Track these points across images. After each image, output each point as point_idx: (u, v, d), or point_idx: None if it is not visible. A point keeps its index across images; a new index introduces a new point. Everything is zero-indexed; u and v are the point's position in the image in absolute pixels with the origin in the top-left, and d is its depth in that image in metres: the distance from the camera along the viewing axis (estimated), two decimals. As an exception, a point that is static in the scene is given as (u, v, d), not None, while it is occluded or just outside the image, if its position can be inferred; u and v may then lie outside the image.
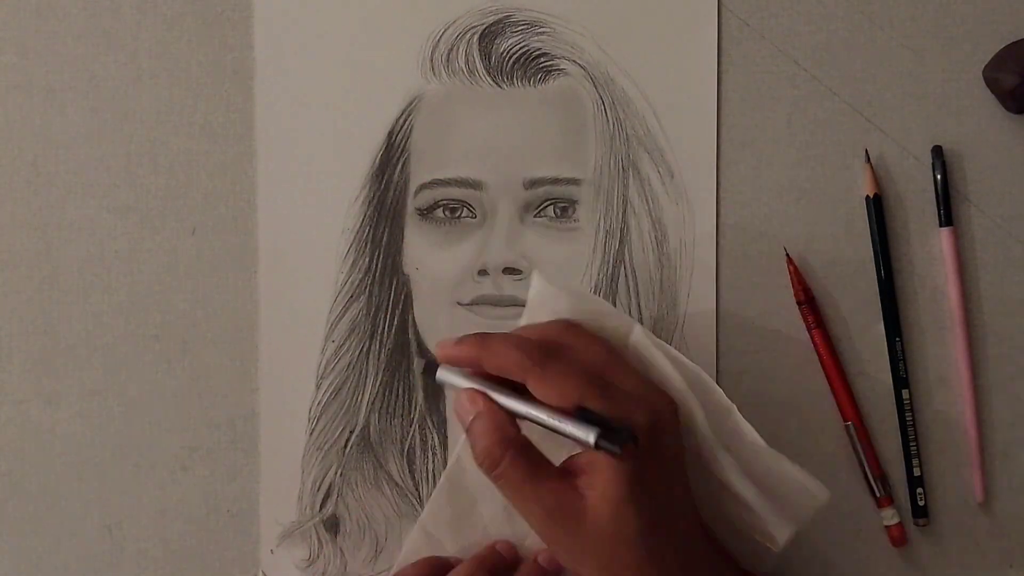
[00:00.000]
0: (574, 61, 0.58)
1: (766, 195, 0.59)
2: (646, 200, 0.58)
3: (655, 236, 0.58)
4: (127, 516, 0.59)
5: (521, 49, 0.58)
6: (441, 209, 0.59)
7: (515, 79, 0.58)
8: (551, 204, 0.58)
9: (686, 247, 0.58)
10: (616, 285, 0.58)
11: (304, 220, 0.59)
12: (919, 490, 0.58)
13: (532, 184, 0.58)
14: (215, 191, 0.59)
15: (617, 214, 0.58)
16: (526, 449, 0.47)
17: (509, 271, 0.58)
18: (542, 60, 0.58)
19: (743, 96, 0.58)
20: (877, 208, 0.58)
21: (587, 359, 0.48)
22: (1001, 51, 0.58)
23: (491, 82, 0.58)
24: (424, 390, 0.59)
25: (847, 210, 0.58)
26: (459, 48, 0.58)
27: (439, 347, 0.50)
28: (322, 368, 0.59)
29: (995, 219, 0.59)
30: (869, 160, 0.58)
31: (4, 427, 0.59)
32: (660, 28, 0.58)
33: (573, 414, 0.45)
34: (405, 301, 0.59)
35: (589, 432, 0.44)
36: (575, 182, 0.58)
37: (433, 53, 0.58)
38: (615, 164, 0.58)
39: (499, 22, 0.58)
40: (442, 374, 0.50)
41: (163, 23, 0.58)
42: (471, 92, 0.58)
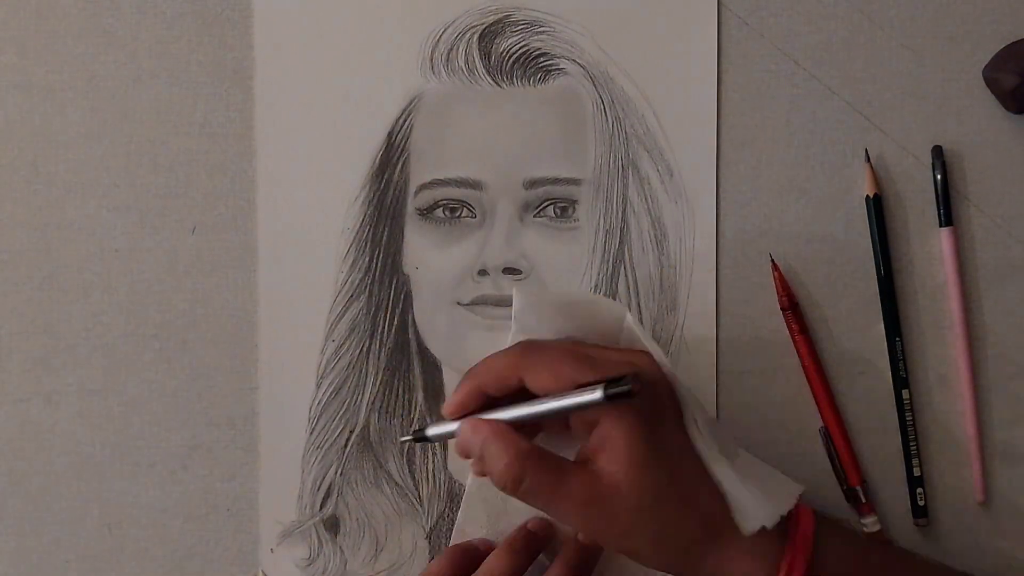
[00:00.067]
0: (574, 61, 0.58)
1: (766, 195, 0.59)
2: (646, 199, 0.58)
3: (655, 236, 0.58)
4: (127, 515, 0.59)
5: (521, 49, 0.58)
6: (441, 209, 0.59)
7: (515, 79, 0.58)
8: (551, 204, 0.58)
9: (686, 247, 0.58)
10: (616, 285, 0.58)
11: (304, 220, 0.59)
12: (919, 490, 0.58)
13: (532, 184, 0.58)
14: (215, 190, 0.59)
15: (617, 214, 0.58)
16: (543, 456, 0.47)
17: (509, 271, 0.58)
18: (542, 60, 0.58)
19: (743, 96, 0.58)
20: (877, 208, 0.58)
21: (567, 345, 0.49)
22: (1001, 51, 0.58)
23: (491, 82, 0.58)
24: (424, 390, 0.59)
25: (847, 210, 0.58)
26: (459, 48, 0.58)
27: (446, 409, 0.50)
28: (322, 368, 0.59)
29: (995, 219, 0.58)
30: (869, 160, 0.58)
31: (4, 426, 0.59)
32: (660, 28, 0.58)
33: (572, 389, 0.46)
34: (405, 301, 0.59)
35: (595, 390, 0.44)
36: (575, 182, 0.58)
37: (433, 53, 0.58)
38: (615, 163, 0.58)
39: (499, 22, 0.58)
40: (432, 429, 0.51)
41: (163, 23, 0.59)
42: (471, 92, 0.58)
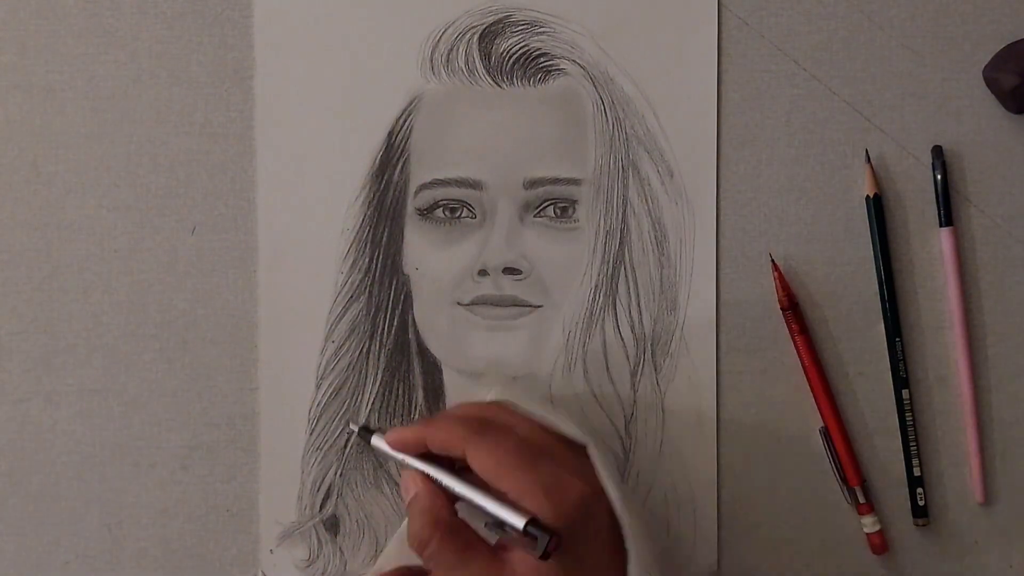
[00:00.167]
0: (574, 61, 0.58)
1: (766, 195, 0.59)
2: (646, 200, 0.58)
3: (655, 236, 0.58)
4: (127, 515, 0.59)
5: (521, 49, 0.58)
6: (441, 209, 0.59)
7: (515, 79, 0.58)
8: (551, 204, 0.58)
9: (686, 247, 0.58)
10: (616, 285, 0.58)
11: (304, 220, 0.59)
12: (919, 490, 0.58)
13: (532, 184, 0.58)
14: (215, 191, 0.59)
15: (617, 214, 0.58)
16: (456, 531, 0.48)
17: (509, 271, 0.58)
18: (542, 60, 0.58)
19: (743, 96, 0.58)
20: (877, 208, 0.58)
21: (523, 433, 0.50)
22: (1001, 51, 0.58)
23: (491, 82, 0.58)
24: (424, 390, 0.59)
25: (847, 210, 0.58)
26: (459, 48, 0.58)
27: (388, 436, 0.52)
28: (322, 368, 0.59)
29: (995, 219, 0.58)
30: (869, 160, 0.58)
31: (4, 426, 0.59)
32: (660, 28, 0.58)
33: (508, 500, 0.47)
34: (405, 301, 0.59)
35: (520, 518, 0.45)
36: (575, 182, 0.58)
37: (433, 53, 0.58)
38: (615, 164, 0.58)
39: (499, 22, 0.58)
40: (376, 441, 0.53)
41: (163, 23, 0.59)
42: (471, 92, 0.58)
